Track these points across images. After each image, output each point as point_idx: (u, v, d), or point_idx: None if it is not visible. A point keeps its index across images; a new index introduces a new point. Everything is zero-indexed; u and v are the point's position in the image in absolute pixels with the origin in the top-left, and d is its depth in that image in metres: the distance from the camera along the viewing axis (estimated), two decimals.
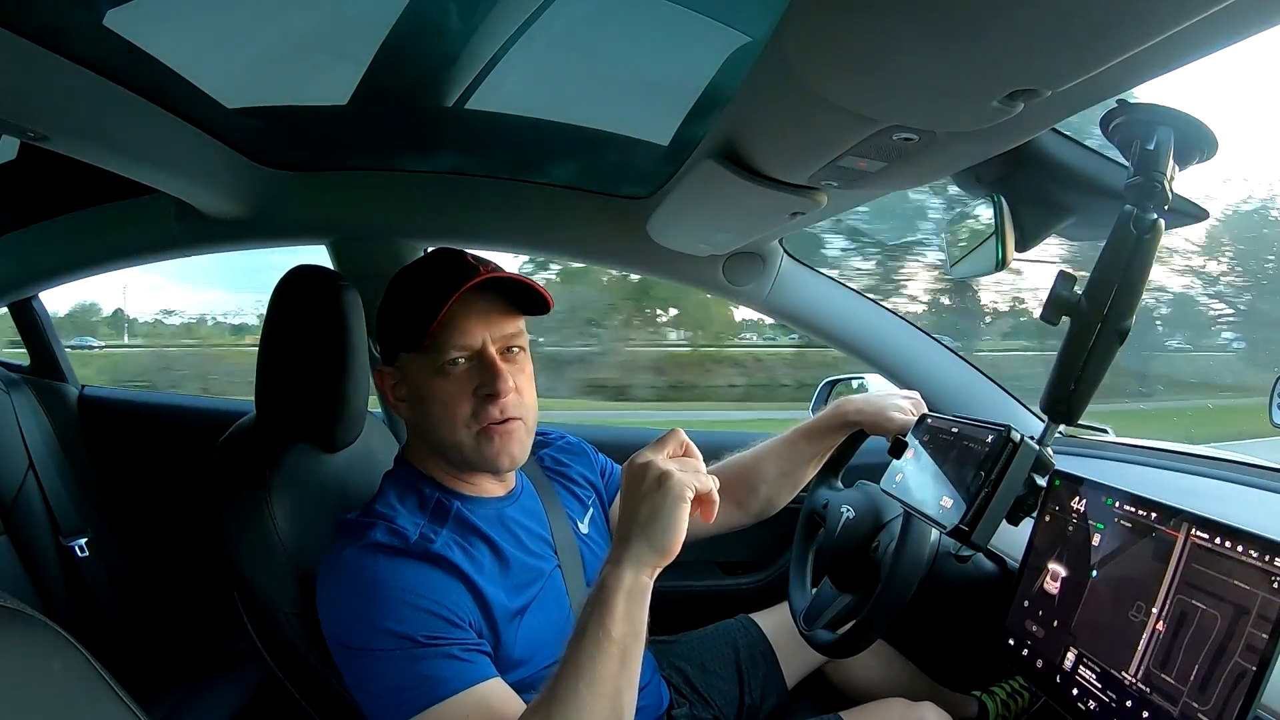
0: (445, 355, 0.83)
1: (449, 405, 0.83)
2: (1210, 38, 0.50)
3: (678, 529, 0.67)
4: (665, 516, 0.66)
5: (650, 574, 0.68)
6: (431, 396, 0.84)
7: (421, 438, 0.89)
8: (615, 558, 0.68)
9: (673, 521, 0.67)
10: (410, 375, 0.86)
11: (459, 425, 0.84)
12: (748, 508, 1.17)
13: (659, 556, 0.67)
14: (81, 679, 0.51)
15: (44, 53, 0.81)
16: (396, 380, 0.88)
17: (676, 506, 0.67)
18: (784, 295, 1.45)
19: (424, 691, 0.71)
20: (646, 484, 0.68)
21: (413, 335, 0.83)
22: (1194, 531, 0.62)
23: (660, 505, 0.67)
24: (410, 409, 0.88)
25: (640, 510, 0.68)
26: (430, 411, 0.84)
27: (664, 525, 0.67)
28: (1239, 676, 0.54)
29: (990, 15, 0.44)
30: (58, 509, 1.53)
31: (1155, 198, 0.72)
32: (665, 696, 1.06)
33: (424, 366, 0.84)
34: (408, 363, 0.86)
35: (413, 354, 0.85)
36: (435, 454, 0.89)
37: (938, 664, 1.23)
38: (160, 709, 1.30)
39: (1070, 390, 0.81)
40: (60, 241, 1.49)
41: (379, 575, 0.76)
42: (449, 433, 0.84)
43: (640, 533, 0.67)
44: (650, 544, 0.67)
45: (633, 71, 1.12)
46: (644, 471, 0.69)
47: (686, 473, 0.68)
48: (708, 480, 0.70)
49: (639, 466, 0.70)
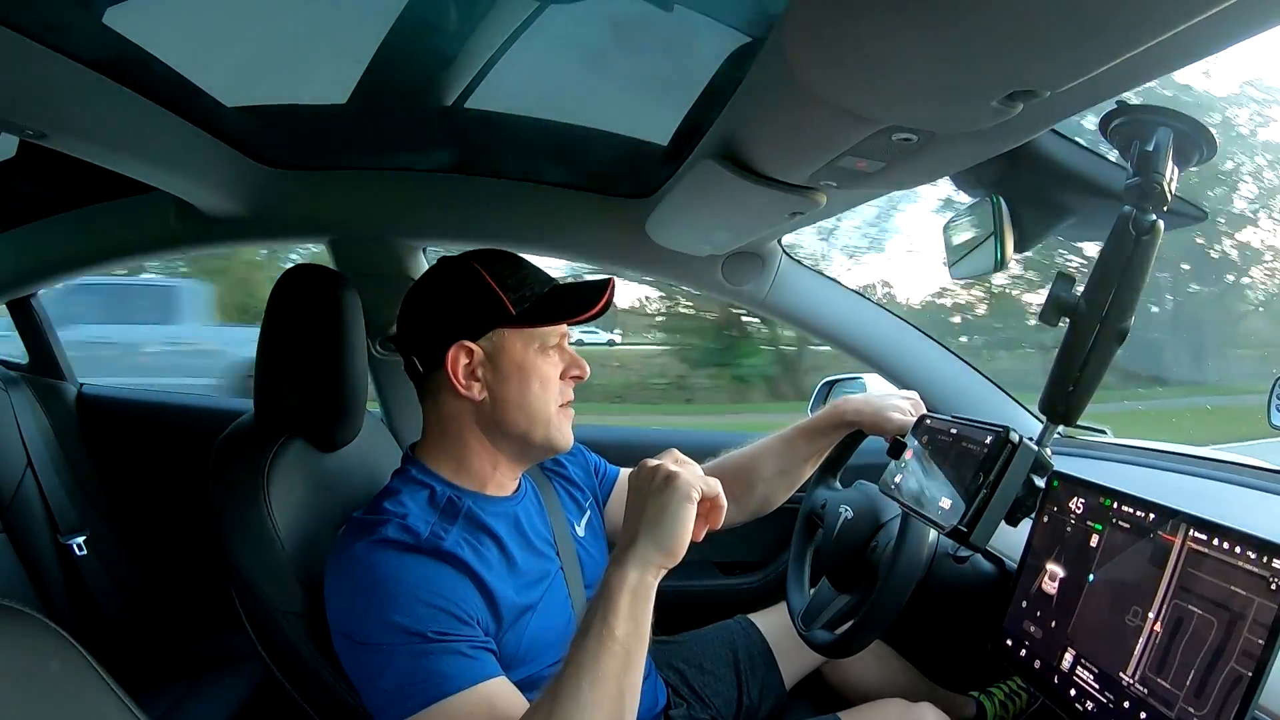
0: (552, 338, 0.88)
1: (548, 381, 0.88)
2: (1209, 39, 0.50)
3: (684, 528, 0.68)
4: (671, 515, 0.68)
5: (655, 574, 0.69)
6: (534, 371, 0.87)
7: (495, 420, 0.88)
8: (621, 557, 0.69)
9: (679, 520, 0.68)
10: (508, 350, 0.86)
11: (552, 401, 0.88)
12: (744, 505, 1.17)
13: (664, 556, 0.69)
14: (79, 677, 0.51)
15: (43, 50, 0.81)
16: (479, 357, 0.86)
17: (683, 506, 0.68)
18: (783, 295, 1.45)
19: (430, 687, 0.71)
20: (655, 483, 0.70)
21: (539, 314, 0.87)
22: (1192, 533, 0.62)
23: (667, 504, 0.69)
24: (493, 386, 0.87)
25: (648, 509, 0.70)
26: (529, 386, 0.87)
27: (670, 523, 0.68)
28: (1235, 681, 0.54)
29: (990, 17, 0.44)
30: (56, 507, 1.53)
31: (1154, 199, 0.72)
32: (663, 696, 1.06)
33: (527, 343, 0.87)
34: (508, 338, 0.86)
35: (516, 329, 0.86)
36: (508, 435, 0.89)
37: (936, 664, 1.24)
38: (158, 707, 1.30)
39: (1068, 391, 0.81)
40: (59, 239, 1.49)
41: (390, 571, 0.76)
42: (543, 408, 0.88)
43: (647, 531, 0.69)
44: (656, 543, 0.68)
45: (632, 71, 1.11)
46: (653, 472, 0.71)
47: (690, 471, 0.71)
48: (715, 484, 0.72)
49: (648, 469, 0.72)
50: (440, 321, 0.87)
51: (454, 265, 0.90)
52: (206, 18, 0.96)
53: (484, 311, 0.86)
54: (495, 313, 0.86)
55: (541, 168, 1.36)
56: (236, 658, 1.44)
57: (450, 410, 0.89)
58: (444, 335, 0.86)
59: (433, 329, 0.87)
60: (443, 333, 0.86)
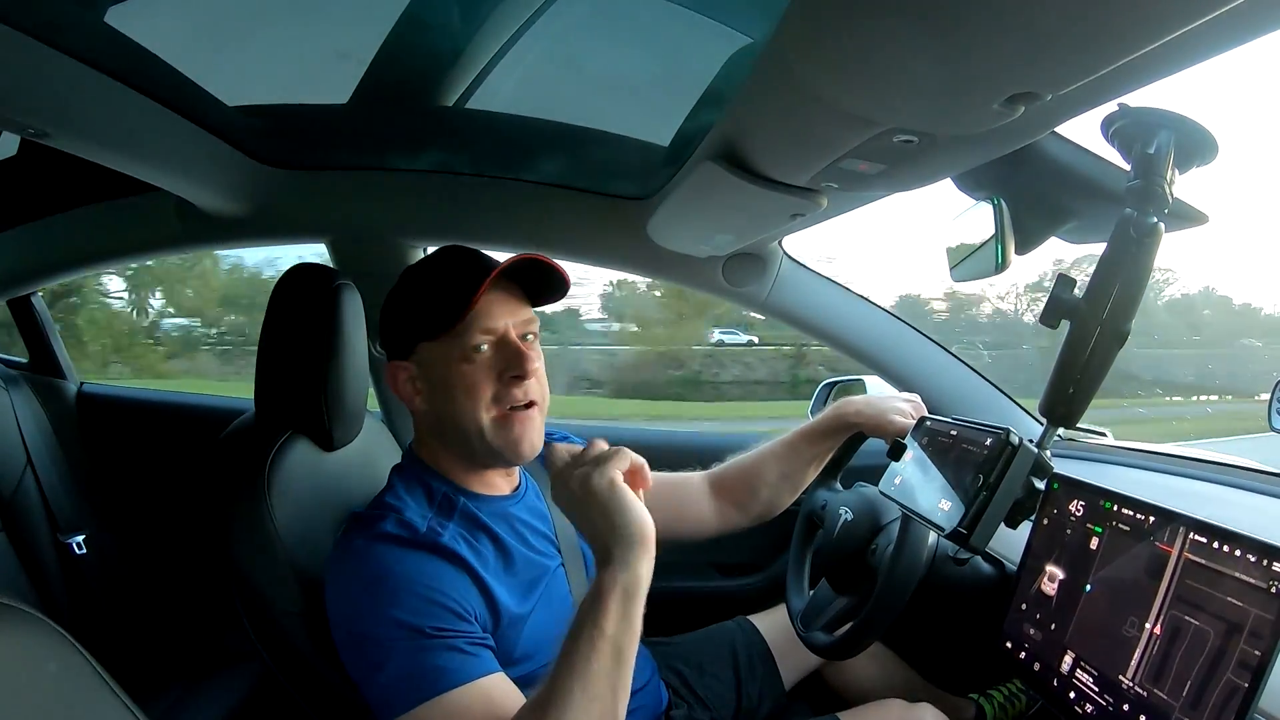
0: (471, 340, 0.83)
1: (473, 389, 0.83)
2: (1211, 42, 0.50)
3: (631, 509, 0.69)
4: (614, 510, 0.69)
5: (643, 568, 0.69)
6: (456, 382, 0.84)
7: (440, 430, 0.88)
8: (603, 564, 0.70)
9: (623, 510, 0.69)
10: (432, 364, 0.85)
11: (482, 410, 0.84)
12: (748, 510, 1.17)
13: (640, 547, 0.69)
14: (79, 676, 0.51)
15: (45, 49, 0.81)
16: (412, 373, 0.87)
17: (613, 495, 0.69)
18: (784, 296, 1.45)
19: (428, 682, 0.71)
20: (576, 496, 0.71)
21: (439, 322, 0.83)
22: (1191, 536, 0.62)
23: (604, 504, 0.69)
24: (429, 400, 0.87)
25: (592, 516, 0.70)
26: (454, 398, 0.84)
27: (620, 518, 0.69)
28: (1231, 693, 0.54)
29: (991, 19, 0.44)
30: (56, 505, 1.53)
31: (1155, 201, 0.72)
32: (663, 698, 1.06)
33: (447, 354, 0.84)
34: (428, 352, 0.85)
35: (435, 342, 0.84)
36: (452, 447, 0.88)
37: (935, 666, 1.23)
38: (158, 706, 1.30)
39: (1069, 393, 0.81)
40: (60, 238, 1.49)
41: (388, 565, 0.77)
42: (473, 419, 0.84)
43: (609, 537, 0.69)
44: (622, 540, 0.68)
45: (633, 72, 1.12)
46: (565, 489, 0.73)
47: (595, 464, 0.71)
48: (623, 453, 0.72)
49: (558, 486, 0.74)
50: (385, 338, 0.90)
51: (403, 275, 0.91)
52: (208, 17, 0.96)
53: (407, 326, 0.87)
54: (416, 326, 0.86)
55: (542, 169, 1.36)
56: (236, 657, 1.44)
57: (416, 419, 0.91)
58: (389, 352, 0.89)
59: (384, 345, 0.91)
60: (387, 349, 0.89)
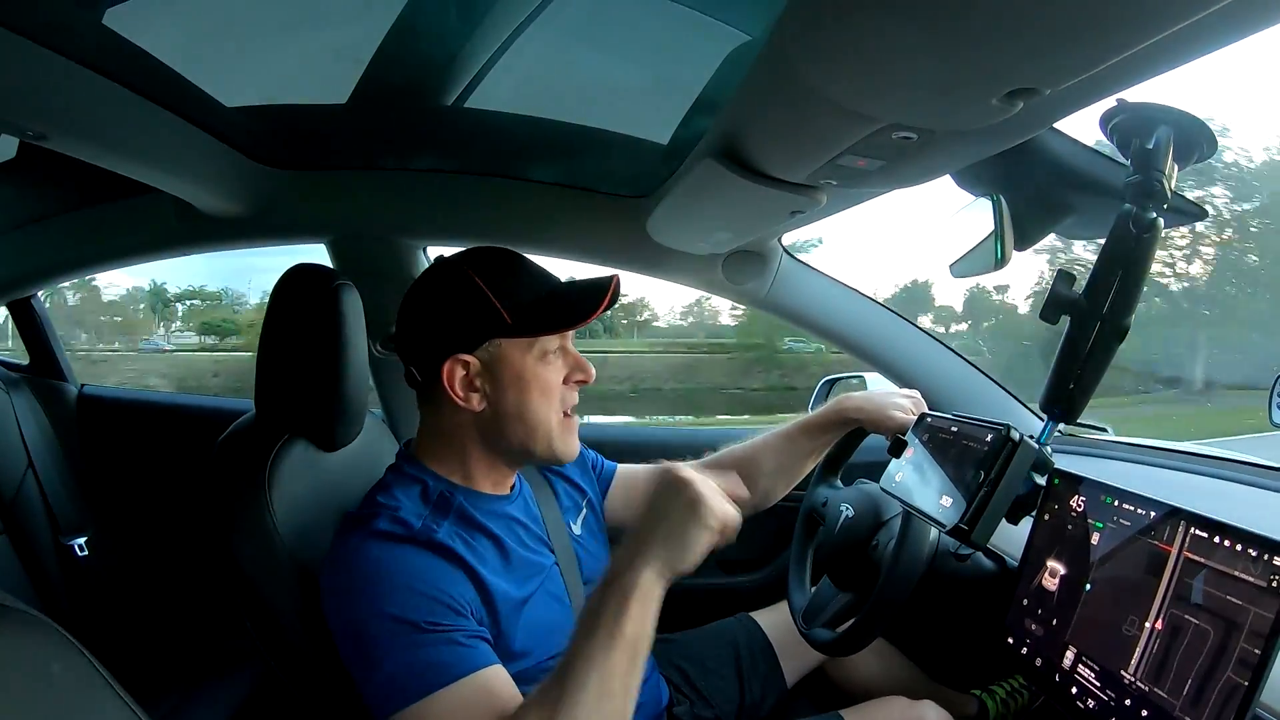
0: (554, 343, 0.86)
1: (549, 390, 0.86)
2: (1209, 37, 0.50)
3: (697, 553, 0.70)
4: (692, 539, 0.69)
5: (665, 582, 0.70)
6: (533, 380, 0.85)
7: (495, 431, 0.87)
8: (635, 561, 0.69)
9: (696, 544, 0.70)
10: (504, 362, 0.85)
11: (554, 409, 0.87)
12: (743, 500, 1.17)
13: (673, 570, 0.70)
14: (81, 678, 0.51)
15: (43, 51, 0.81)
16: (474, 370, 0.85)
17: (701, 535, 0.70)
18: (783, 293, 1.45)
19: (427, 677, 0.71)
20: (681, 502, 0.70)
21: (536, 323, 0.85)
22: (1192, 530, 0.62)
23: (690, 528, 0.69)
24: (492, 398, 0.86)
25: (670, 523, 0.70)
26: (528, 397, 0.85)
27: (687, 546, 0.69)
28: (1231, 691, 0.54)
29: (990, 14, 0.44)
30: (57, 507, 1.53)
31: (1154, 196, 0.72)
32: (665, 694, 1.06)
33: (523, 353, 0.85)
34: (505, 348, 0.85)
35: (513, 340, 0.85)
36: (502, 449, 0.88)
37: (937, 662, 1.23)
38: (160, 708, 1.30)
39: (1069, 389, 0.81)
40: (59, 240, 1.49)
41: (383, 562, 0.77)
42: (545, 419, 0.86)
43: (661, 546, 0.70)
44: (668, 559, 0.69)
45: (632, 70, 1.12)
46: (681, 489, 0.71)
47: (718, 502, 0.71)
48: (736, 515, 0.72)
49: (679, 481, 0.72)
50: (435, 333, 0.86)
51: (448, 270, 0.88)
52: (206, 18, 0.96)
53: (479, 322, 0.84)
54: (491, 323, 0.84)
55: (542, 167, 1.36)
56: (238, 658, 1.44)
57: (450, 419, 0.88)
58: (440, 348, 0.84)
59: (428, 341, 0.86)
60: (438, 345, 0.85)
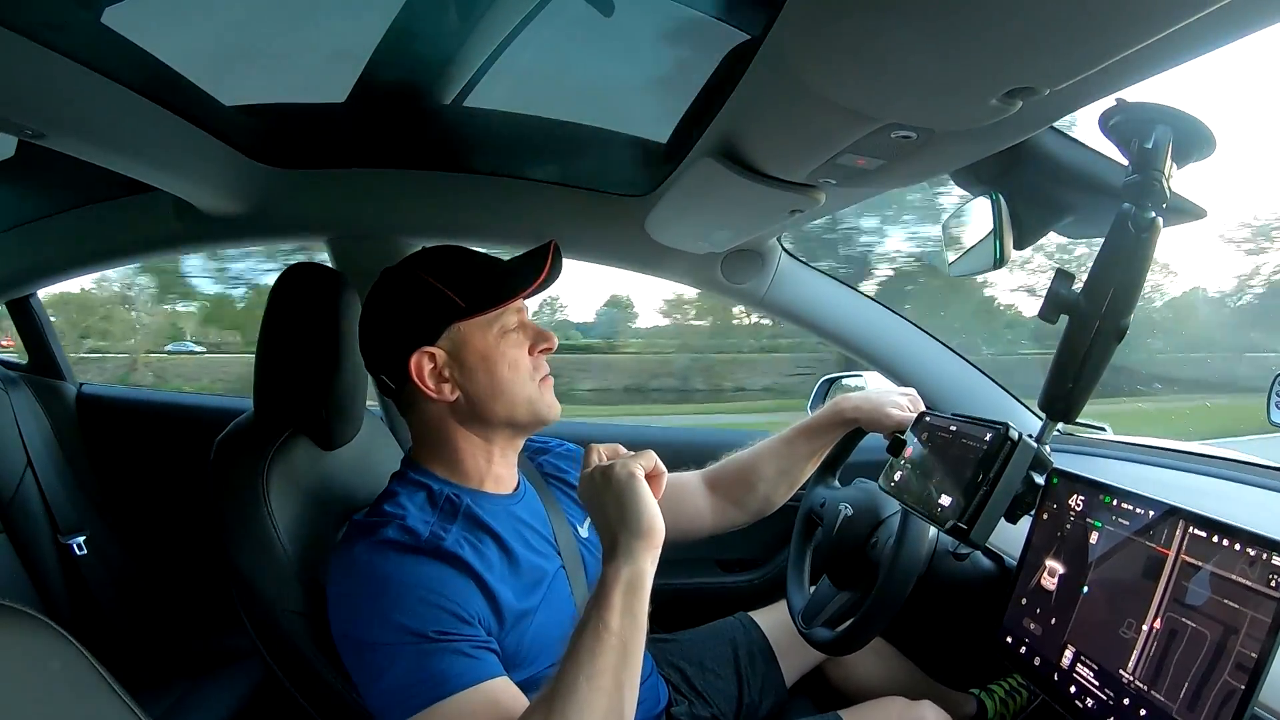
0: (512, 319, 0.88)
1: (518, 362, 0.88)
2: (1208, 36, 0.50)
3: (646, 506, 0.72)
4: (628, 499, 0.72)
5: (647, 562, 0.71)
6: (500, 357, 0.87)
7: (475, 413, 0.88)
8: (609, 557, 0.71)
9: (636, 501, 0.71)
10: (469, 343, 0.86)
11: (527, 379, 0.89)
12: (746, 506, 1.17)
13: (646, 541, 0.71)
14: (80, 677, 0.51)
15: (41, 49, 0.80)
16: (440, 360, 0.86)
17: (630, 487, 0.72)
18: (782, 293, 1.45)
19: (432, 687, 0.71)
20: (597, 486, 0.74)
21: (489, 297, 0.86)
22: (1191, 530, 0.62)
23: (619, 493, 0.72)
24: (464, 384, 0.87)
25: (607, 508, 0.73)
26: (498, 374, 0.87)
27: (632, 509, 0.71)
28: (1228, 695, 0.54)
29: (989, 13, 0.44)
30: (56, 507, 1.53)
31: (1153, 196, 0.72)
32: (663, 694, 1.06)
33: (484, 333, 0.87)
34: (465, 331, 0.86)
35: (470, 321, 0.86)
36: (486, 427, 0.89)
37: (936, 662, 1.24)
38: (159, 707, 1.30)
39: (1068, 388, 0.81)
40: (58, 239, 1.49)
41: (391, 571, 0.77)
42: (521, 389, 0.88)
43: (619, 527, 0.71)
44: (631, 532, 0.71)
45: (631, 69, 1.11)
46: (591, 478, 0.76)
47: (623, 460, 0.75)
48: (649, 455, 0.76)
49: (585, 478, 0.77)
50: (395, 333, 0.87)
51: (396, 275, 0.90)
52: (205, 17, 0.96)
53: (434, 312, 0.86)
54: (445, 309, 0.86)
55: (541, 166, 1.36)
56: (236, 657, 1.44)
57: (431, 416, 0.89)
58: (402, 346, 0.86)
59: (390, 343, 0.87)
60: (400, 344, 0.86)
